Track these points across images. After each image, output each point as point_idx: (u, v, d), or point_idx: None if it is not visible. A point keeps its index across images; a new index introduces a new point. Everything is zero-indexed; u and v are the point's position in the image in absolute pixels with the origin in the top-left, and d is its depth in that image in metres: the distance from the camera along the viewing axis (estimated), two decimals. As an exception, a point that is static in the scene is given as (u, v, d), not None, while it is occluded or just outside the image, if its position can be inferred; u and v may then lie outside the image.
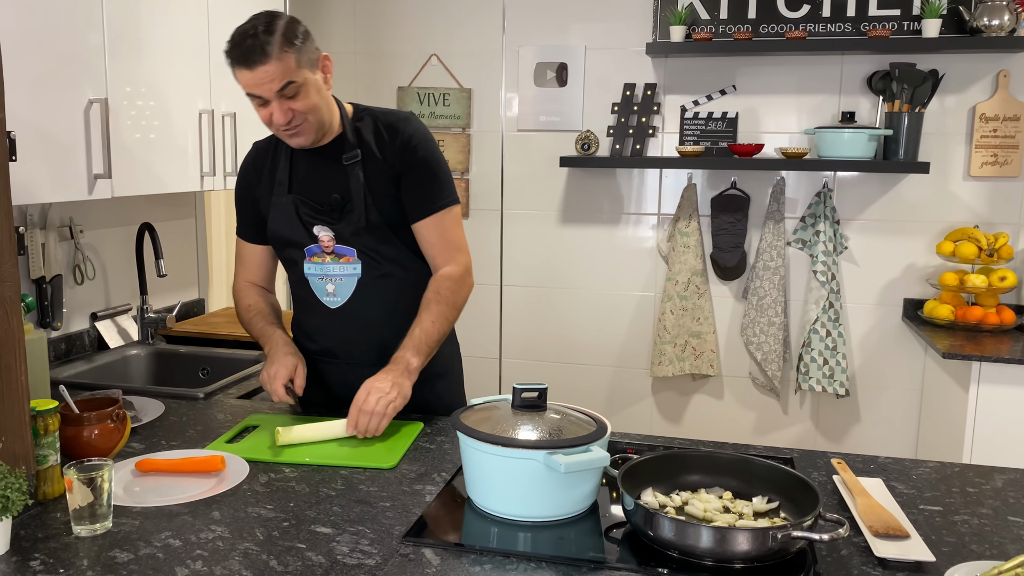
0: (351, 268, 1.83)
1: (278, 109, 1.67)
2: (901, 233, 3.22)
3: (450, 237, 1.85)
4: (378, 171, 1.79)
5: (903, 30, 3.07)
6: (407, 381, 1.71)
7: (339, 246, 1.82)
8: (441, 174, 1.83)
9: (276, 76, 1.63)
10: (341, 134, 1.81)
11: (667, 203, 3.40)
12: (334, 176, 1.80)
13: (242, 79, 1.66)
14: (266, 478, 1.54)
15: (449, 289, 1.82)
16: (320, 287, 1.86)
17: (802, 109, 3.25)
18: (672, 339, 3.34)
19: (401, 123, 1.81)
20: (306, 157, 1.83)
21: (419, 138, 1.81)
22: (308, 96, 1.68)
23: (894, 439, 3.31)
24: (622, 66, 3.36)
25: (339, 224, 1.80)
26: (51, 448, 1.43)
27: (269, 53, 1.61)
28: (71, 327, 2.45)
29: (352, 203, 1.79)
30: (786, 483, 1.41)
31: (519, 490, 1.36)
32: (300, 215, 1.82)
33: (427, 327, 1.77)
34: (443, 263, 1.85)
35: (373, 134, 1.81)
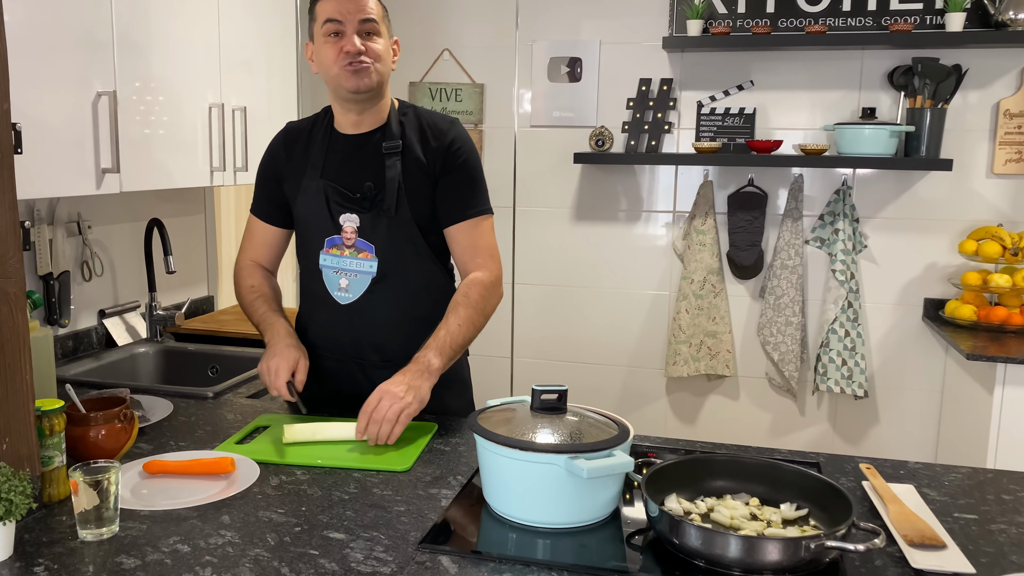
0: (367, 265, 1.78)
1: (351, 40, 1.68)
2: (922, 231, 3.16)
3: (483, 243, 1.81)
4: (416, 168, 1.77)
5: (925, 24, 3.00)
6: (425, 383, 1.64)
7: (360, 240, 1.78)
8: (480, 181, 1.82)
9: (363, 7, 1.69)
10: (384, 123, 1.79)
11: (683, 200, 3.34)
12: (370, 165, 1.77)
13: (326, 5, 1.69)
14: (277, 480, 1.49)
15: (479, 294, 1.76)
16: (333, 280, 1.81)
17: (820, 105, 3.19)
18: (687, 339, 3.29)
19: (446, 126, 1.81)
20: (344, 143, 1.80)
21: (463, 143, 1.80)
22: (381, 44, 1.72)
23: (914, 441, 3.25)
24: (637, 61, 3.31)
25: (368, 214, 1.76)
26: (57, 449, 1.39)
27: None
28: (78, 324, 2.41)
29: (385, 192, 1.75)
30: (815, 489, 1.35)
31: (539, 496, 1.31)
32: (328, 201, 1.78)
33: (453, 329, 1.71)
34: (474, 268, 1.80)
35: (417, 132, 1.79)
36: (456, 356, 1.73)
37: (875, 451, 3.28)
